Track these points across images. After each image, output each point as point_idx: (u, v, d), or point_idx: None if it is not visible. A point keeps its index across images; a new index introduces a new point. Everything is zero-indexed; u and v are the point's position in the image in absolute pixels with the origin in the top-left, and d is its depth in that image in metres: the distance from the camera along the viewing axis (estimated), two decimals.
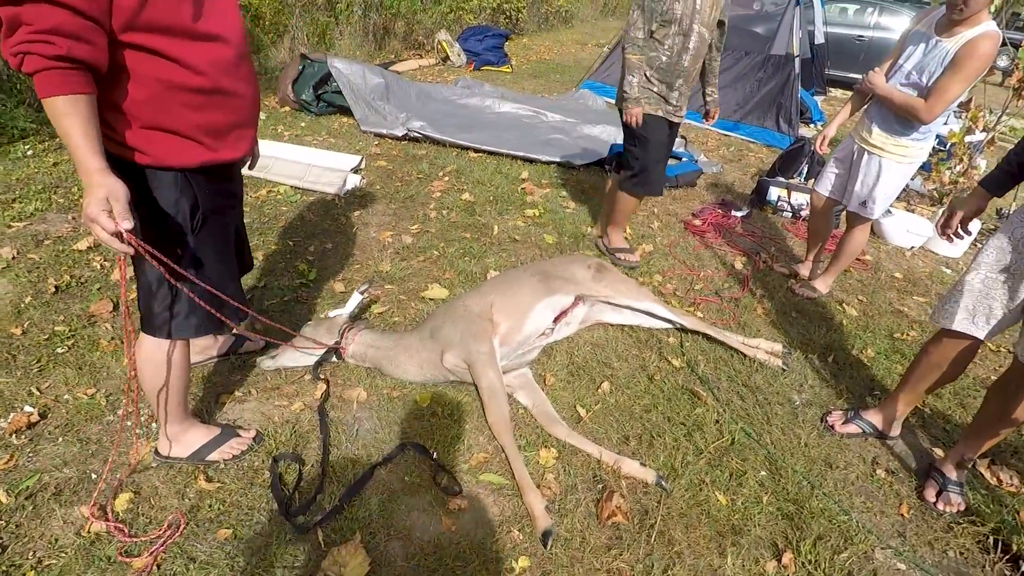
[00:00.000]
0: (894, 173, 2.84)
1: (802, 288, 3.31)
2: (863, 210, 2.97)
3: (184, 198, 1.53)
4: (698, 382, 2.49)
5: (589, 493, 1.94)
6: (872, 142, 2.83)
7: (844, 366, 2.73)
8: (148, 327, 1.67)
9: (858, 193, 2.96)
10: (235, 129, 1.61)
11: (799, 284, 3.36)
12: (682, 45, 2.87)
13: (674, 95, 2.99)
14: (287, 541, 1.71)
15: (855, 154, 2.96)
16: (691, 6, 2.80)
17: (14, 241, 2.94)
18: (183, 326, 1.67)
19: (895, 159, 2.79)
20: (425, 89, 6.22)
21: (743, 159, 5.85)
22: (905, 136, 2.73)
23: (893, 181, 2.87)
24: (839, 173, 3.10)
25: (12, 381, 2.15)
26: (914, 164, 2.83)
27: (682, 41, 2.86)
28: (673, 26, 2.82)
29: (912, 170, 2.86)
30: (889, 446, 2.27)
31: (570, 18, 15.22)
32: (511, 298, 2.39)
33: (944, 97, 2.49)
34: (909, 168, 2.83)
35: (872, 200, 2.92)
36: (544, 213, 3.94)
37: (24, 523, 1.69)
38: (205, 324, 1.71)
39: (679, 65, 2.91)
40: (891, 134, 2.76)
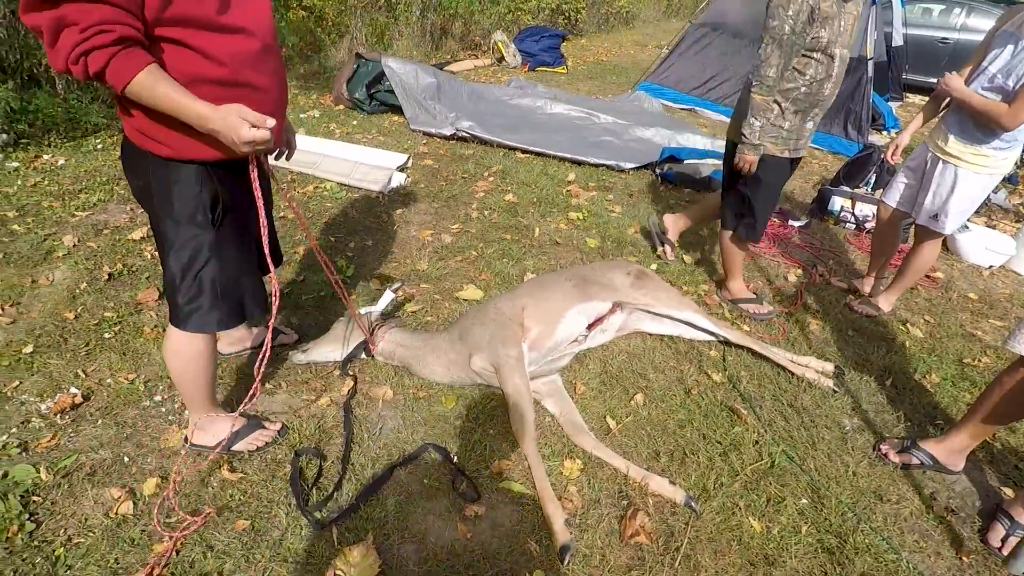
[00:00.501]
0: (971, 185, 2.61)
1: (862, 305, 3.10)
2: (934, 224, 2.76)
3: (206, 191, 1.54)
4: (739, 399, 2.36)
5: (613, 509, 1.85)
6: (948, 150, 2.62)
7: (904, 391, 2.53)
8: (174, 319, 1.70)
9: (929, 205, 2.74)
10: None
11: (859, 301, 3.14)
12: (825, 73, 2.46)
13: (807, 127, 2.61)
14: (302, 536, 1.70)
15: (928, 163, 2.75)
16: (836, 29, 2.39)
17: (76, 230, 3.08)
18: (206, 319, 1.68)
19: (973, 169, 2.57)
20: (477, 89, 6.23)
21: (806, 167, 5.58)
22: (986, 144, 2.51)
23: (969, 194, 2.64)
24: (910, 183, 2.89)
25: (62, 363, 2.24)
26: (995, 176, 2.60)
27: (825, 68, 2.45)
28: (817, 53, 2.42)
29: (993, 183, 2.63)
30: (950, 482, 2.08)
31: (631, 19, 14.98)
32: (543, 302, 2.33)
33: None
34: (989, 180, 2.60)
35: (945, 214, 2.70)
36: (588, 216, 3.86)
37: (59, 501, 1.74)
38: (227, 318, 1.71)
39: (819, 94, 2.52)
40: (970, 142, 2.54)
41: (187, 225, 1.57)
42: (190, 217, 1.56)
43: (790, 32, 2.35)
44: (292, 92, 6.09)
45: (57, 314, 2.48)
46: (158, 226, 1.61)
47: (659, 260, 3.41)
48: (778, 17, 2.35)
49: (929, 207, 2.75)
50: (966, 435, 2.00)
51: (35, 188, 3.44)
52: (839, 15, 2.38)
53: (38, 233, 3.00)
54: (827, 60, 2.44)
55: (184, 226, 1.56)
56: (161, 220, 1.58)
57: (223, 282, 1.66)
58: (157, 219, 1.60)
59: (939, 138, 2.68)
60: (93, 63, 1.22)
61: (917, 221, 2.84)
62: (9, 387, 2.10)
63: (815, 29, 2.37)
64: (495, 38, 8.83)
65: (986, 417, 1.93)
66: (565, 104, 6.19)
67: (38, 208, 3.24)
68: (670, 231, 3.41)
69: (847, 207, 4.26)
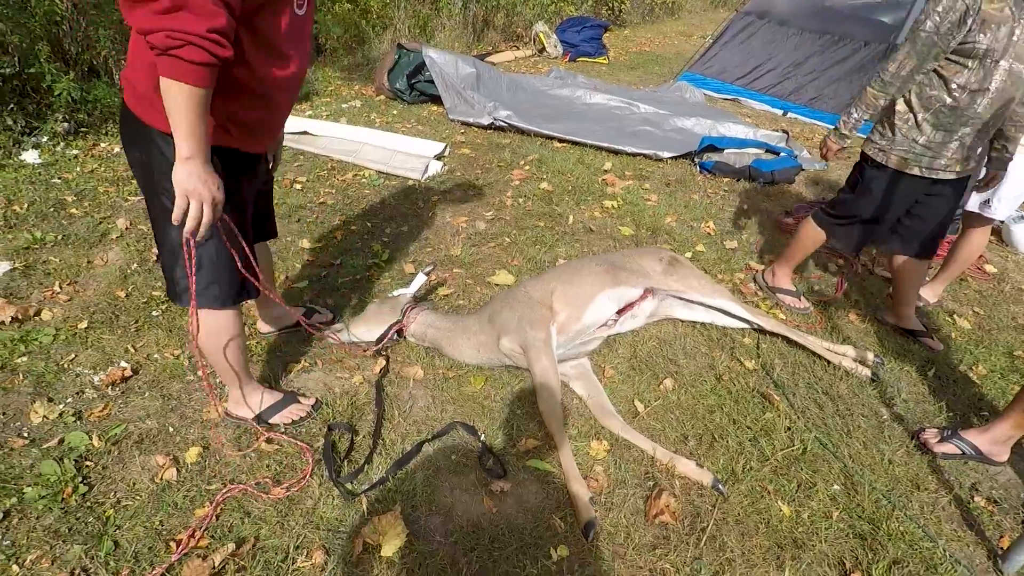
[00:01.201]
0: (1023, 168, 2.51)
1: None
2: (985, 210, 2.66)
3: None
4: (772, 386, 2.32)
5: (639, 490, 1.85)
6: None
7: (947, 382, 2.45)
8: (172, 294, 1.73)
9: (980, 192, 2.65)
10: (265, 131, 1.68)
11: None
12: (980, 85, 2.13)
13: (951, 147, 2.26)
14: (334, 506, 1.76)
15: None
16: (1005, 38, 2.06)
17: (128, 213, 3.23)
18: (204, 295, 1.68)
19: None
20: (516, 79, 6.23)
21: (852, 157, 5.33)
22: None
23: (1022, 177, 2.54)
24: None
25: (113, 339, 2.36)
26: None
27: (980, 80, 2.12)
28: (971, 61, 2.11)
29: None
30: (993, 472, 2.01)
31: (677, 9, 14.72)
32: (572, 287, 2.33)
33: None
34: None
35: (998, 199, 2.60)
36: (623, 205, 3.83)
37: (110, 466, 1.84)
38: (224, 296, 1.72)
39: (970, 110, 2.18)
40: None
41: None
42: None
43: (933, 30, 2.09)
44: (336, 83, 6.22)
45: (110, 292, 2.61)
46: (157, 199, 1.59)
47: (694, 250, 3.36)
48: (926, 11, 2.12)
49: (980, 193, 2.64)
50: (1010, 425, 1.92)
51: (92, 174, 3.62)
52: (1012, 21, 2.05)
53: (94, 216, 3.16)
54: (983, 71, 2.11)
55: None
56: (160, 195, 1.56)
57: (222, 259, 1.67)
58: (155, 193, 1.57)
59: None
60: (187, 53, 1.22)
61: (967, 208, 2.74)
62: (66, 359, 2.23)
63: (970, 33, 2.07)
64: (536, 29, 8.81)
65: None
66: (604, 94, 6.15)
67: (95, 193, 3.41)
68: (778, 278, 2.94)
69: None
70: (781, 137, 5.26)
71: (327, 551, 1.63)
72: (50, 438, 1.88)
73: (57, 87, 3.76)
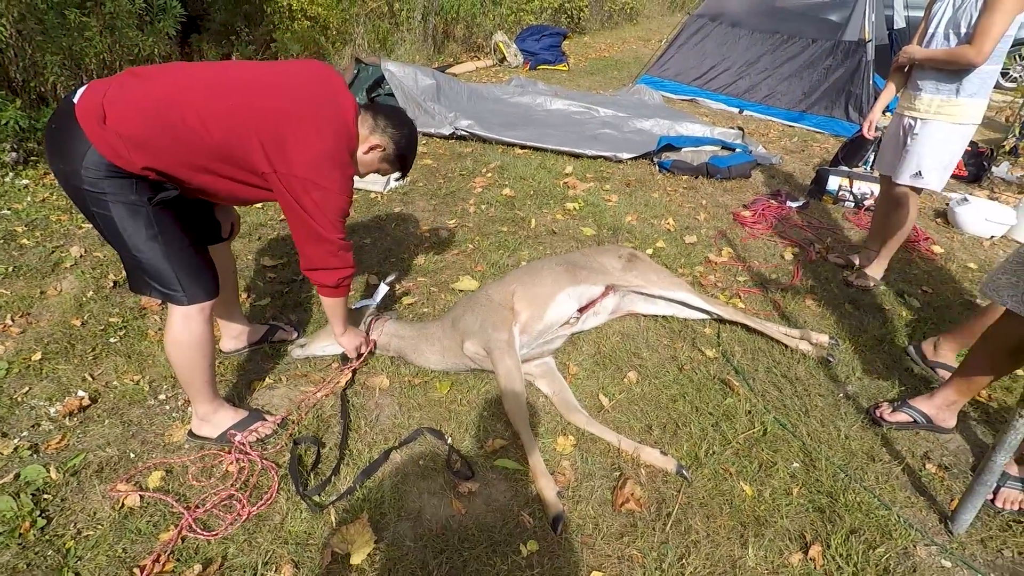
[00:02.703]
0: (949, 135, 2.69)
1: (859, 279, 3.10)
2: (918, 181, 2.79)
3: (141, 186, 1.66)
4: (732, 372, 2.37)
5: (605, 481, 1.88)
6: (922, 108, 2.72)
7: (899, 359, 2.53)
8: (134, 287, 1.82)
9: (907, 163, 2.80)
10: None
11: (855, 275, 3.14)
12: None
13: None
14: (302, 519, 1.75)
15: (905, 127, 2.83)
16: None
17: (83, 241, 3.18)
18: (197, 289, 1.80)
19: (950, 120, 2.66)
20: (477, 89, 6.29)
21: (806, 150, 5.56)
22: (958, 94, 2.61)
23: (949, 146, 2.71)
24: (895, 149, 2.93)
25: (70, 368, 2.31)
26: (969, 126, 2.67)
27: None
28: None
29: (970, 132, 2.70)
30: (944, 441, 2.08)
31: (635, 15, 14.97)
32: (533, 287, 2.36)
33: (990, 33, 2.39)
34: (966, 130, 2.69)
35: (927, 168, 2.75)
36: (585, 206, 3.89)
37: (69, 497, 1.80)
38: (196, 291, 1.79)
39: None
40: (943, 95, 2.64)
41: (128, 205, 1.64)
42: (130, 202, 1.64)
43: None
44: None
45: (65, 322, 2.56)
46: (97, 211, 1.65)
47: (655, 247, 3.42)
48: None
49: (910, 166, 2.79)
50: (954, 391, 2.00)
51: (43, 203, 3.55)
52: None
53: (46, 246, 3.10)
54: None
55: (127, 206, 1.64)
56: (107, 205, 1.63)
57: (180, 256, 1.74)
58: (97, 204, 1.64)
59: (910, 101, 2.77)
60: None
61: (897, 180, 2.86)
62: (19, 393, 2.17)
63: None
64: (496, 39, 8.89)
65: (971, 370, 1.94)
66: (565, 100, 6.23)
67: (46, 222, 3.34)
68: (941, 351, 2.47)
69: (845, 186, 4.25)
70: (736, 134, 5.39)
71: (296, 565, 1.62)
72: (5, 474, 1.84)
73: (3, 116, 3.69)
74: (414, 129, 2.04)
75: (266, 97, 1.72)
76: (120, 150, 1.57)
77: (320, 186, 1.75)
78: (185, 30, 6.01)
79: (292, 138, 1.71)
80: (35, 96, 4.20)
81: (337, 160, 1.79)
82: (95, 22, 4.27)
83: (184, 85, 1.67)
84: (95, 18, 4.28)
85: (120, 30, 4.45)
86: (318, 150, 1.74)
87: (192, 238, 1.80)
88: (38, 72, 4.14)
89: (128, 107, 1.58)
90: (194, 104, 1.63)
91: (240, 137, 1.68)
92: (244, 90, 1.72)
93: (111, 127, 1.55)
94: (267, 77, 1.78)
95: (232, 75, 1.75)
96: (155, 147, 1.60)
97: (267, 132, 1.69)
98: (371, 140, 1.93)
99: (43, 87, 4.20)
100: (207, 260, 1.86)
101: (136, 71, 1.69)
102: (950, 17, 2.56)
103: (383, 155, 1.98)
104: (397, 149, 1.98)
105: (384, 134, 1.94)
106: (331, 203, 1.80)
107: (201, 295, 1.79)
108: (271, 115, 1.70)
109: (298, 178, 1.73)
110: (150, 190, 1.66)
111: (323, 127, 1.76)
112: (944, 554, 1.67)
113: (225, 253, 2.21)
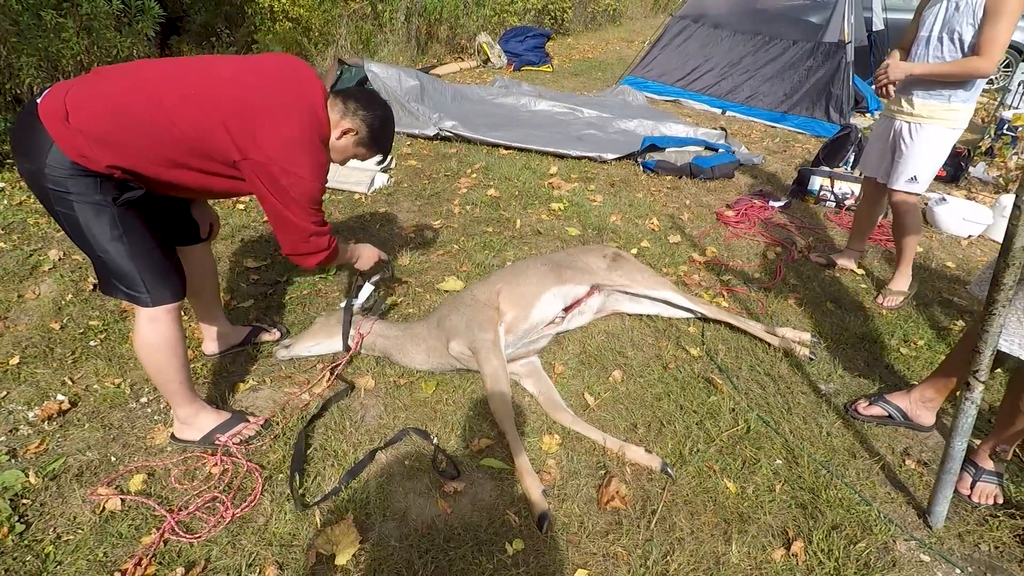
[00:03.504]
0: (943, 139, 2.69)
1: (888, 299, 2.97)
2: (912, 186, 2.77)
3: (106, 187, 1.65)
4: (716, 370, 2.39)
5: (591, 479, 1.89)
6: (917, 112, 2.70)
7: (880, 357, 2.57)
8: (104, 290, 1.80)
9: (903, 169, 2.77)
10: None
11: (883, 296, 2.99)
12: None
13: None
14: (286, 521, 1.73)
15: (896, 130, 2.80)
16: None
17: (61, 244, 3.13)
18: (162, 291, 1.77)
19: (946, 124, 2.66)
20: (461, 90, 6.29)
21: (788, 150, 5.63)
22: (953, 99, 2.60)
23: (942, 150, 2.72)
24: (884, 154, 2.91)
25: (48, 372, 2.28)
26: (960, 130, 2.69)
27: None
28: None
29: (957, 136, 2.71)
30: (923, 438, 2.12)
31: (618, 16, 15.04)
32: (518, 287, 2.37)
33: (998, 42, 2.39)
34: (956, 134, 2.70)
35: (923, 172, 2.74)
36: (569, 207, 3.90)
37: (48, 502, 1.77)
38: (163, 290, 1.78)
39: None
40: (937, 99, 2.64)
41: (93, 205, 1.63)
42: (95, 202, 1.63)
43: None
44: None
45: (43, 326, 2.52)
46: (62, 210, 1.64)
47: (639, 246, 3.45)
48: None
49: (904, 171, 2.76)
50: (933, 389, 2.04)
51: (20, 207, 3.49)
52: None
53: (24, 249, 3.05)
54: None
55: (92, 206, 1.62)
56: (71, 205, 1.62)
57: (145, 257, 1.72)
58: (61, 204, 1.63)
59: (902, 104, 2.75)
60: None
61: (894, 187, 2.82)
62: None
63: None
64: (480, 40, 8.89)
65: (949, 369, 1.97)
66: (549, 101, 6.25)
67: (24, 225, 3.29)
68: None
69: (826, 186, 4.31)
70: (719, 135, 5.44)
71: (280, 566, 1.61)
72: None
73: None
74: (388, 110, 2.01)
75: (233, 86, 1.72)
76: (84, 148, 1.55)
77: (288, 171, 1.74)
78: (165, 31, 5.94)
79: (260, 126, 1.70)
80: (10, 98, 4.12)
81: (307, 146, 1.78)
82: (72, 23, 4.20)
83: (147, 79, 1.66)
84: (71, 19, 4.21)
85: (97, 31, 4.37)
86: (286, 136, 1.73)
87: (159, 239, 1.78)
88: (13, 74, 4.05)
89: (91, 104, 1.57)
90: (158, 98, 1.62)
91: (208, 129, 1.67)
92: (209, 81, 1.71)
93: (74, 125, 1.54)
94: (234, 69, 1.78)
95: (198, 68, 1.75)
96: (120, 143, 1.59)
97: (234, 121, 1.68)
98: (343, 124, 1.91)
99: (18, 89, 4.11)
100: (174, 262, 1.84)
101: (100, 70, 1.69)
102: (943, 22, 2.54)
103: (357, 139, 1.96)
104: (371, 131, 1.95)
105: (355, 117, 1.92)
106: (301, 188, 1.78)
107: (167, 297, 1.77)
108: (238, 103, 1.69)
109: (267, 164, 1.72)
110: (115, 190, 1.64)
111: (291, 114, 1.75)
112: (923, 548, 1.70)
113: (205, 254, 2.19)
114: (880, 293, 3.04)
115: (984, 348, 1.53)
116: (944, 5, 2.55)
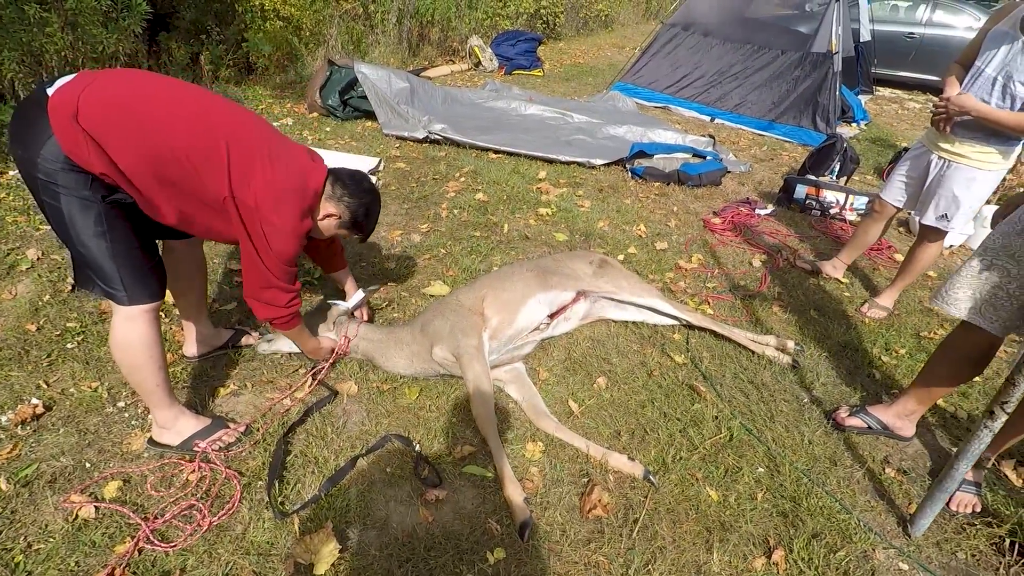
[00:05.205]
0: (984, 184, 2.58)
1: (872, 310, 3.00)
2: (943, 224, 2.69)
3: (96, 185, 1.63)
4: (700, 378, 2.40)
5: (573, 487, 1.88)
6: (960, 152, 2.56)
7: (862, 365, 2.59)
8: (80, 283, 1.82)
9: (937, 206, 2.68)
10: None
11: (867, 306, 3.03)
12: None
13: None
14: (264, 530, 1.71)
15: (934, 164, 2.67)
16: None
17: (40, 243, 3.08)
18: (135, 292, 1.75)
19: (988, 168, 2.53)
20: (451, 93, 6.27)
21: (775, 159, 5.67)
22: (999, 145, 2.48)
23: (981, 193, 2.60)
24: (910, 182, 2.83)
25: (23, 375, 2.24)
26: (1001, 173, 2.57)
27: None
28: None
29: (997, 180, 2.60)
30: (903, 446, 2.13)
31: (610, 22, 15.10)
32: (503, 292, 2.36)
33: None
34: (998, 176, 2.58)
35: (955, 214, 2.66)
36: (557, 212, 3.90)
37: (19, 510, 1.74)
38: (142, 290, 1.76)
39: None
40: (982, 144, 2.50)
41: (80, 200, 1.61)
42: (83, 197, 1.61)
43: None
44: (267, 102, 6.10)
45: (19, 327, 2.47)
46: (49, 200, 1.62)
47: (626, 252, 3.45)
48: None
49: (938, 207, 2.68)
50: (914, 400, 2.05)
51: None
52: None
53: (1, 248, 2.99)
54: None
55: (79, 200, 1.61)
56: (58, 197, 1.60)
57: (125, 256, 1.70)
58: (48, 194, 1.61)
59: (945, 140, 2.61)
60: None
61: (923, 222, 2.76)
62: None
63: None
64: (471, 43, 8.89)
65: (929, 380, 1.99)
66: (539, 105, 6.25)
67: (2, 223, 3.23)
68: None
69: (812, 195, 4.34)
70: (708, 142, 5.47)
71: (258, 575, 1.58)
72: None
73: None
74: (374, 196, 2.08)
75: (251, 129, 1.78)
76: (83, 149, 1.53)
77: (271, 221, 1.77)
78: (153, 28, 5.89)
79: (260, 169, 1.74)
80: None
81: (296, 203, 1.82)
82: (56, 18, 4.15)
83: (173, 98, 1.67)
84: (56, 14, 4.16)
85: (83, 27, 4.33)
86: (281, 187, 1.77)
87: (142, 240, 1.76)
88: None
89: (106, 109, 1.55)
90: (174, 113, 1.64)
91: (209, 147, 1.67)
92: (231, 112, 1.76)
93: (82, 125, 1.52)
94: (258, 119, 1.86)
95: (224, 102, 1.79)
96: (119, 149, 1.56)
97: (237, 149, 1.70)
98: (327, 207, 1.97)
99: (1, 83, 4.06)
100: (155, 263, 1.82)
101: (118, 72, 1.70)
102: (1003, 62, 2.35)
103: (339, 223, 2.03)
104: (354, 218, 2.04)
105: (340, 202, 1.99)
106: (279, 242, 1.80)
107: (144, 297, 1.75)
108: (246, 142, 1.73)
109: (253, 207, 1.74)
110: (105, 189, 1.63)
111: (292, 171, 1.81)
112: (902, 557, 1.71)
113: (195, 251, 2.17)
114: (866, 303, 3.05)
115: (1020, 380, 1.44)
116: (1012, 46, 2.33)
